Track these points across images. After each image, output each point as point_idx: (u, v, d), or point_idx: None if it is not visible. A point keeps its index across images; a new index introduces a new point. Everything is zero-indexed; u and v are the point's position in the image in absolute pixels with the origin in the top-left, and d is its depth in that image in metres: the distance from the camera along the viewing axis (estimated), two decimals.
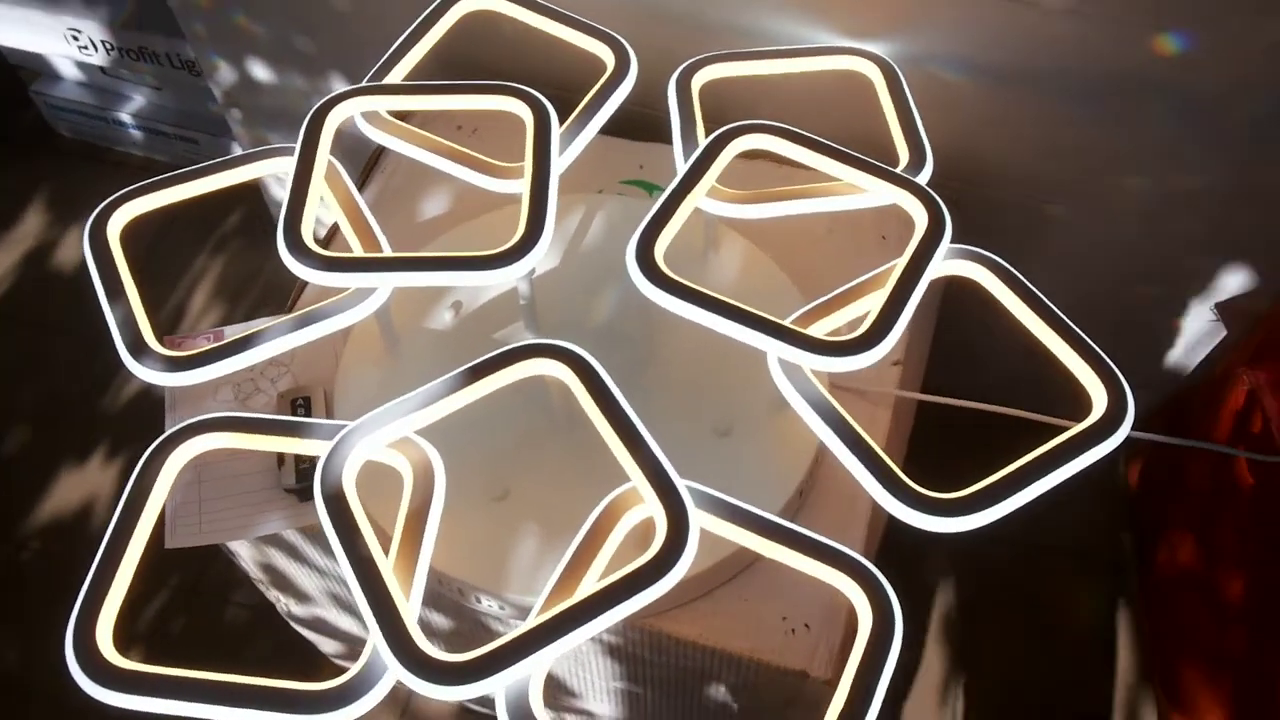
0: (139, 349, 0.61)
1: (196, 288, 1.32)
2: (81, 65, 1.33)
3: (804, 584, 0.62)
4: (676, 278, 0.60)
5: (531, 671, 0.49)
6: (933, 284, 0.62)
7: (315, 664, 0.98)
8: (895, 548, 0.75)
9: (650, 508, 0.53)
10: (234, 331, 0.78)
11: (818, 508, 0.66)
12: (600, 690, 0.74)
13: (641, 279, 0.60)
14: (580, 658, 0.70)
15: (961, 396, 0.72)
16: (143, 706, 0.49)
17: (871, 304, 0.60)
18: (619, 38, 0.74)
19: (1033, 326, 0.62)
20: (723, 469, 0.62)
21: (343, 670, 0.50)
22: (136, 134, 1.39)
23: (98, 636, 0.51)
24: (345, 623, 0.82)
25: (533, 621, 0.49)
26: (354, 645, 0.89)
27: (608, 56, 0.74)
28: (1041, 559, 1.10)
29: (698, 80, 0.74)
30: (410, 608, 0.50)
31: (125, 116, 1.36)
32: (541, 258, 0.61)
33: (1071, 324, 0.61)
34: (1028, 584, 1.10)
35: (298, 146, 0.68)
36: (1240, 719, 0.85)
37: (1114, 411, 0.56)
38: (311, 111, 0.69)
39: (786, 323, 0.58)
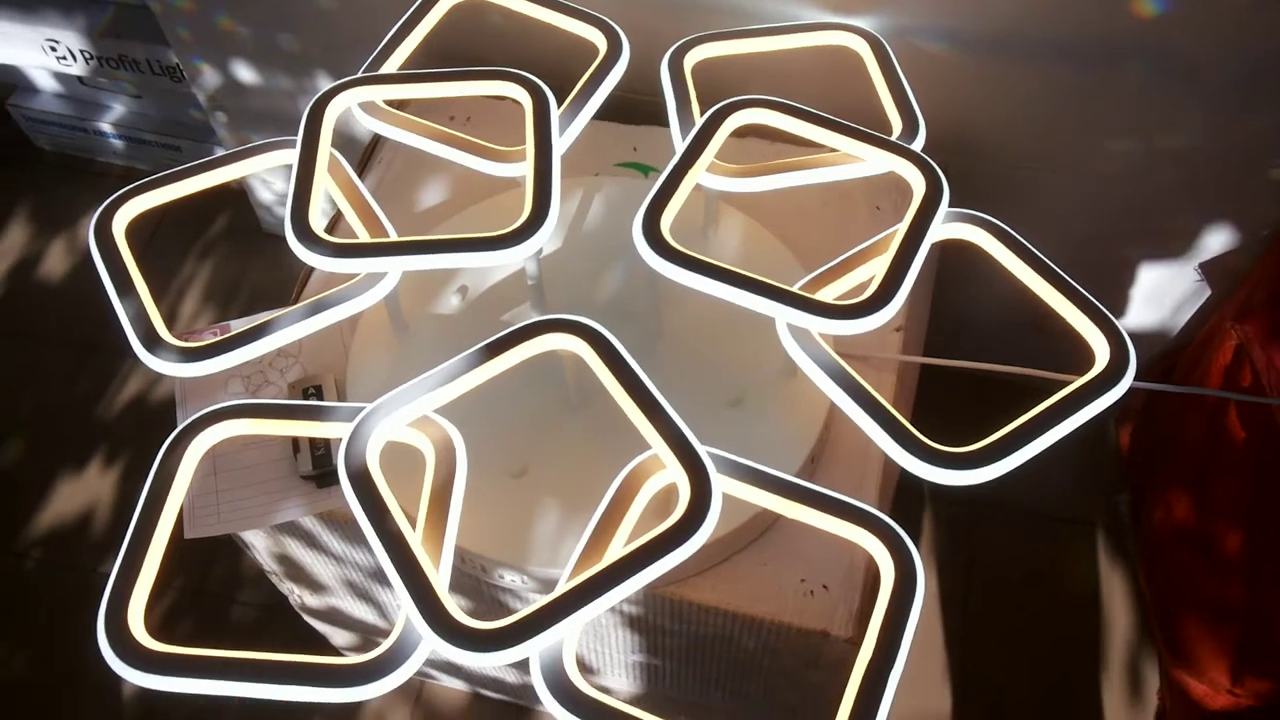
0: (153, 341, 0.61)
1: (186, 293, 1.32)
2: (59, 76, 1.32)
3: (821, 546, 0.63)
4: (685, 250, 0.61)
5: (564, 636, 0.50)
6: (929, 250, 0.63)
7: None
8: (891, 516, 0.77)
9: (672, 474, 0.54)
10: (239, 325, 0.79)
11: (828, 474, 0.67)
12: (618, 664, 0.75)
13: (650, 253, 0.61)
14: (599, 631, 0.71)
15: (956, 358, 0.74)
16: (178, 688, 0.49)
17: (874, 270, 0.61)
18: (610, 21, 0.75)
19: (1033, 284, 0.63)
20: (736, 438, 0.62)
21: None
22: (118, 143, 1.38)
23: (130, 621, 0.51)
24: (360, 611, 0.83)
25: (564, 587, 0.50)
26: (368, 635, 0.89)
27: (599, 40, 0.75)
28: (1036, 524, 1.12)
29: (689, 60, 0.75)
30: (441, 579, 0.51)
31: (105, 126, 1.36)
32: (549, 236, 0.62)
33: (1071, 280, 0.62)
34: (1023, 549, 1.12)
35: (299, 138, 0.68)
36: (1242, 669, 0.87)
37: (1116, 362, 0.58)
38: (312, 103, 0.69)
39: (793, 289, 0.60)
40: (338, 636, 0.93)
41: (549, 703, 0.49)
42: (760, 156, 0.76)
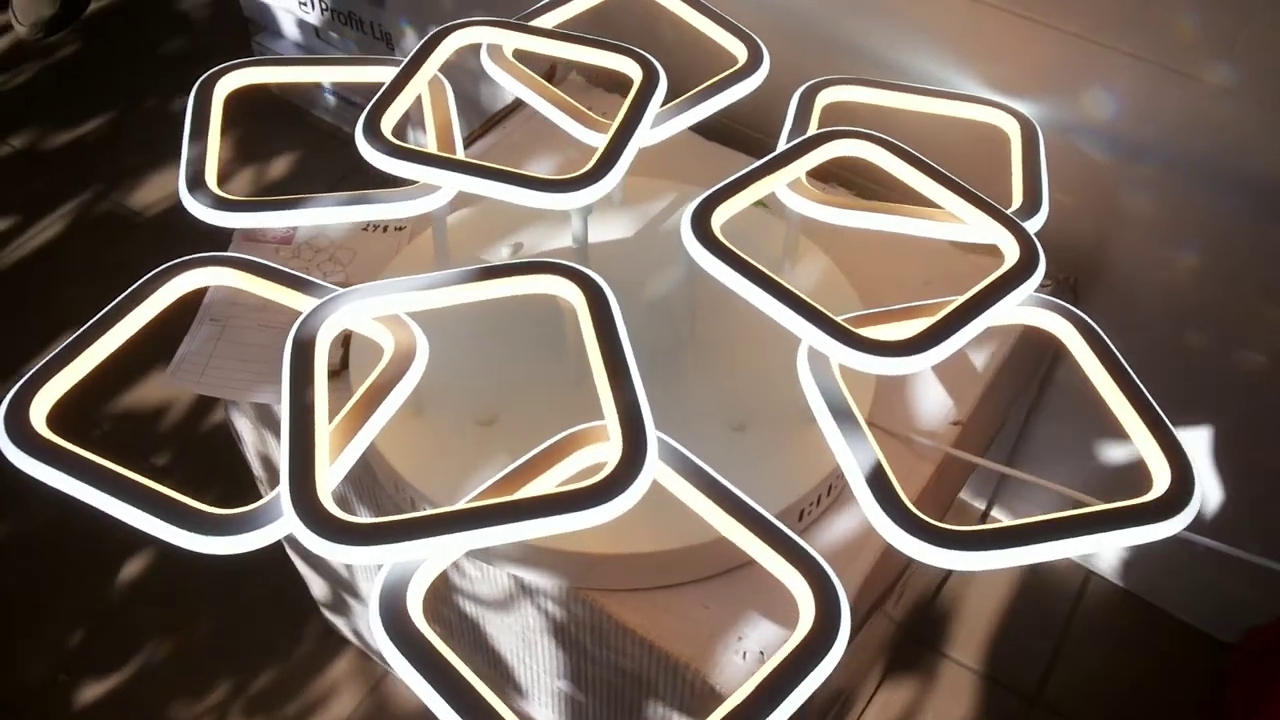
0: (196, 185, 0.62)
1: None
2: (300, 25, 1.43)
3: (776, 611, 0.55)
4: (723, 240, 0.56)
5: (425, 557, 0.45)
6: (1023, 367, 0.55)
7: (304, 612, 0.95)
8: None
9: (612, 446, 0.48)
10: (305, 233, 0.79)
11: (814, 538, 0.59)
12: (545, 689, 0.68)
13: (690, 237, 0.57)
14: (527, 637, 0.64)
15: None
16: (46, 479, 0.47)
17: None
18: (755, 37, 0.73)
19: (1108, 395, 0.54)
20: (722, 458, 0.56)
21: (327, 625, 0.47)
22: (331, 100, 1.48)
23: (34, 405, 0.50)
24: None
25: (446, 509, 0.45)
26: (339, 590, 0.85)
27: (740, 52, 0.73)
28: None
29: (823, 97, 0.71)
30: (331, 467, 0.47)
31: (326, 81, 1.45)
32: (602, 193, 0.59)
33: (1151, 400, 0.53)
34: None
35: (411, 53, 0.69)
36: None
37: (1176, 491, 0.48)
38: (438, 29, 0.70)
39: (825, 311, 0.53)
40: (315, 584, 0.89)
41: (376, 625, 0.43)
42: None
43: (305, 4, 1.34)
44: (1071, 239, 0.77)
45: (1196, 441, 0.82)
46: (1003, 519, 1.02)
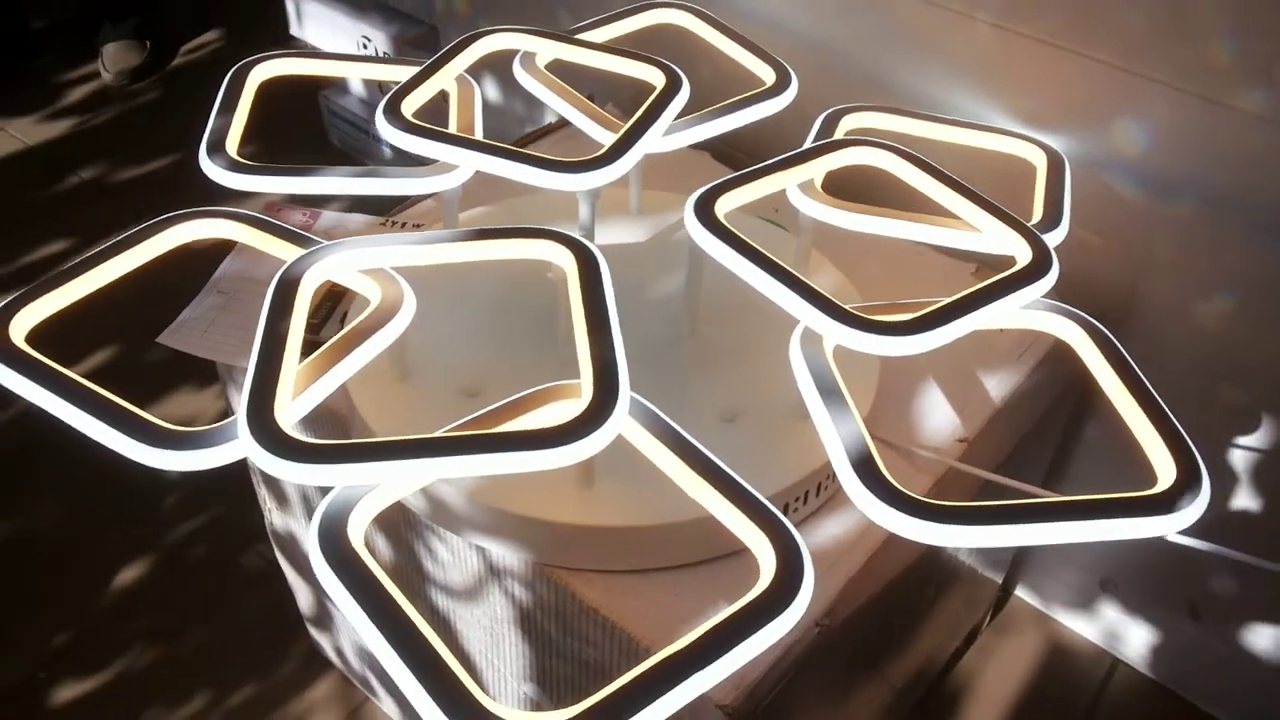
0: (215, 149, 0.63)
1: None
2: (365, 80, 1.48)
3: None
4: (725, 223, 0.55)
5: (376, 484, 0.43)
6: (1042, 400, 0.52)
7: (291, 633, 0.93)
8: None
9: (583, 394, 0.46)
10: (332, 220, 0.80)
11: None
12: (513, 693, 0.64)
13: (693, 219, 0.56)
14: (495, 631, 0.61)
15: None
16: (14, 386, 0.47)
17: None
18: (784, 64, 0.73)
19: (1117, 398, 0.51)
20: (714, 448, 0.54)
21: (312, 647, 0.46)
22: (388, 153, 1.52)
23: (15, 321, 0.50)
24: None
25: (405, 436, 0.43)
26: (322, 593, 0.83)
27: (768, 75, 0.73)
28: None
29: (846, 123, 0.71)
30: (295, 401, 0.46)
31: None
32: (608, 180, 0.59)
33: (1163, 404, 0.50)
34: None
35: (442, 52, 0.70)
36: None
37: (1181, 488, 0.45)
38: (473, 33, 0.72)
39: (823, 292, 0.52)
40: (302, 596, 0.87)
41: (313, 544, 0.41)
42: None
43: (365, 41, 1.39)
44: (1100, 282, 0.75)
45: (1233, 501, 0.77)
46: (1026, 597, 0.97)
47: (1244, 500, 0.77)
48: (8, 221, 1.43)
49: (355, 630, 0.39)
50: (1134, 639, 0.91)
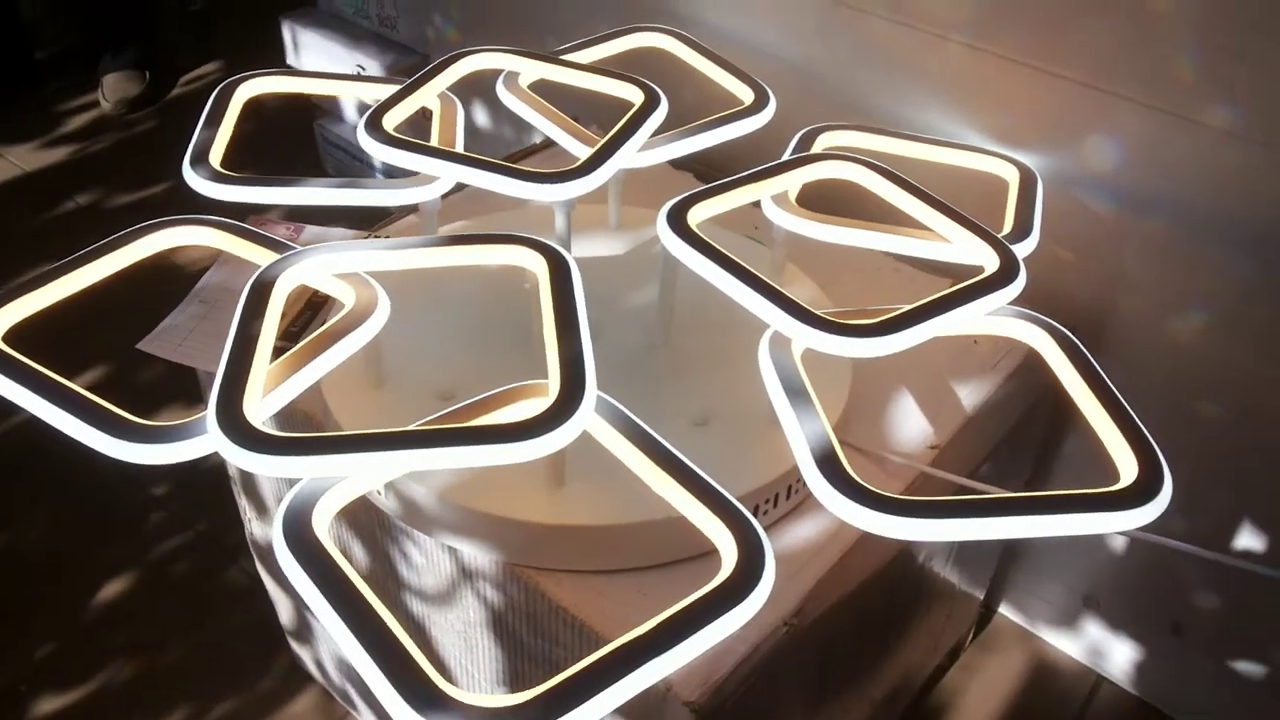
0: (199, 160, 0.64)
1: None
2: (361, 107, 1.50)
3: None
4: (697, 231, 0.56)
5: (344, 477, 0.44)
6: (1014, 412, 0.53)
7: (273, 648, 0.93)
8: None
9: (550, 390, 0.47)
10: (316, 232, 0.81)
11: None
12: None
13: (665, 228, 0.57)
14: (468, 637, 0.61)
15: None
16: None
17: None
18: (763, 85, 0.75)
19: (1083, 402, 0.52)
20: (685, 451, 0.54)
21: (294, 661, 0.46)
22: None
23: None
24: None
25: (373, 430, 0.44)
26: (303, 605, 0.83)
27: (747, 96, 0.74)
28: None
29: (822, 141, 0.72)
30: (265, 398, 0.47)
31: (378, 163, 1.51)
32: (582, 192, 0.60)
33: (1127, 406, 0.50)
34: None
35: (425, 70, 0.72)
36: None
37: (1145, 481, 0.45)
38: (456, 52, 0.73)
39: (793, 297, 0.52)
40: (283, 609, 0.87)
41: (277, 538, 0.42)
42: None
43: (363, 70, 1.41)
44: (1073, 297, 0.76)
45: (1213, 518, 0.78)
46: (1009, 614, 0.97)
47: (1218, 515, 0.78)
48: (2, 245, 1.44)
49: (323, 624, 0.39)
50: (1117, 656, 0.91)
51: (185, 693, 0.91)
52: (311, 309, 0.68)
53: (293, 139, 1.56)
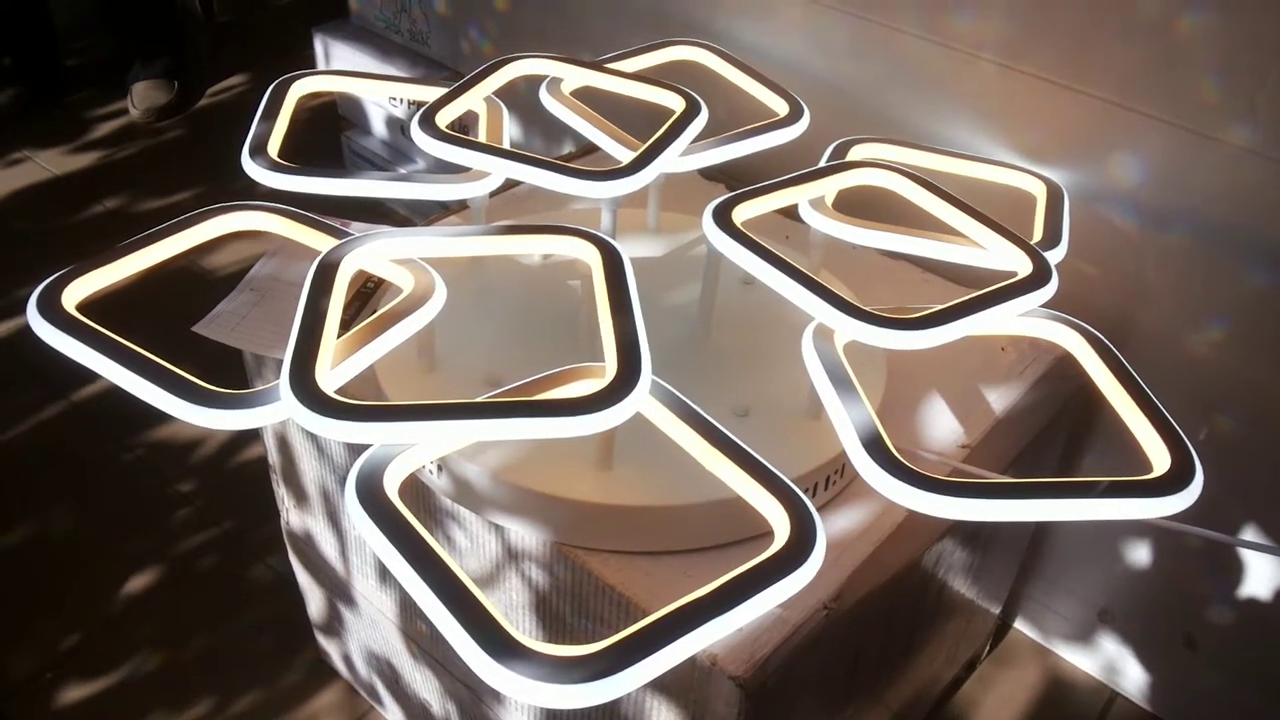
0: (258, 151, 0.66)
1: None
2: (389, 120, 1.53)
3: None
4: (741, 228, 0.59)
5: (415, 443, 0.46)
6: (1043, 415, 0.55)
7: (299, 644, 0.94)
8: None
9: (607, 370, 0.49)
10: (362, 229, 0.84)
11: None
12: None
13: (711, 224, 0.59)
14: (510, 617, 0.63)
15: None
16: (66, 349, 0.50)
17: None
18: (797, 97, 0.77)
19: (1115, 399, 0.54)
20: None
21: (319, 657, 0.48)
22: None
23: (67, 290, 0.53)
24: (328, 545, 0.79)
25: (441, 400, 0.46)
26: (335, 601, 0.84)
27: (781, 107, 0.77)
28: None
29: (856, 152, 0.74)
30: (334, 370, 0.48)
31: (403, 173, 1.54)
32: (631, 189, 0.62)
33: (1158, 403, 0.52)
34: None
35: (474, 73, 0.74)
36: None
37: (1176, 473, 0.47)
38: (502, 58, 0.76)
39: (835, 290, 0.55)
40: (313, 600, 0.88)
41: (350, 494, 0.44)
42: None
43: (395, 100, 1.44)
44: (1096, 310, 0.77)
45: (1231, 531, 0.79)
46: (1025, 629, 0.98)
47: (1234, 527, 0.79)
48: (32, 246, 1.46)
49: (399, 580, 0.41)
50: (1131, 671, 0.92)
51: (209, 685, 0.91)
52: (361, 299, 0.70)
53: (321, 151, 1.59)
